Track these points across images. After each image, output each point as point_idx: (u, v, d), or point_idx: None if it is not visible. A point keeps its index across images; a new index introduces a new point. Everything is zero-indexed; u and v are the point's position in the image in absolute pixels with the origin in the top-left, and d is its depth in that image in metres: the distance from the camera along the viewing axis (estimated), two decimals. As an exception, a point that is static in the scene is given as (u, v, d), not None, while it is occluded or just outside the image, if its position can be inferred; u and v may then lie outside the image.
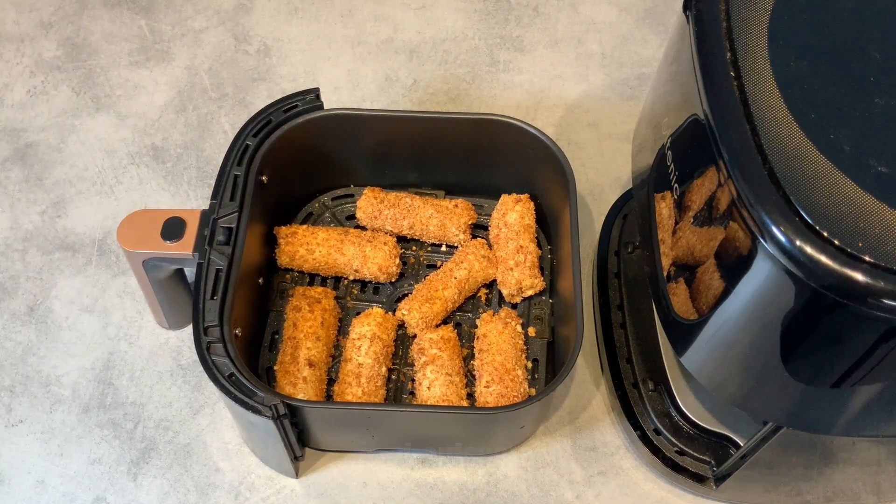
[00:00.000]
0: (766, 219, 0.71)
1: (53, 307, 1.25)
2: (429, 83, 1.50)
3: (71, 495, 1.11)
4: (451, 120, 1.20)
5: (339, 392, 1.11)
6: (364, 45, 1.54)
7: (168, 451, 1.15)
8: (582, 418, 1.19)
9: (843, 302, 0.70)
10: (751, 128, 0.76)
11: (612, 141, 1.44)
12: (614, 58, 1.54)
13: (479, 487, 1.13)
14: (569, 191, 1.14)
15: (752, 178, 0.74)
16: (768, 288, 0.75)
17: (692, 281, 0.87)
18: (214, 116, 1.44)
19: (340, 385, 1.11)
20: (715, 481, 1.09)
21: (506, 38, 1.55)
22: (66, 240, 1.30)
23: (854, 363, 0.76)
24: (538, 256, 1.21)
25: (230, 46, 1.53)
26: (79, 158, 1.38)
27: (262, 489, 1.12)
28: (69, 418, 1.17)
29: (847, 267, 0.68)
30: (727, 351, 0.86)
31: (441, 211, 1.23)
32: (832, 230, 0.70)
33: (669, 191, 0.91)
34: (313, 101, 1.18)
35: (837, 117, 0.76)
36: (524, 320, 1.19)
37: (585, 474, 1.15)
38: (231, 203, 1.08)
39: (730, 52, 0.81)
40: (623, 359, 1.17)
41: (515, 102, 1.48)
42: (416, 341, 1.15)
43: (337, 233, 1.21)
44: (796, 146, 0.74)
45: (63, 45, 1.52)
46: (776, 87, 0.78)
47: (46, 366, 1.20)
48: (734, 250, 0.77)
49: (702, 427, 1.11)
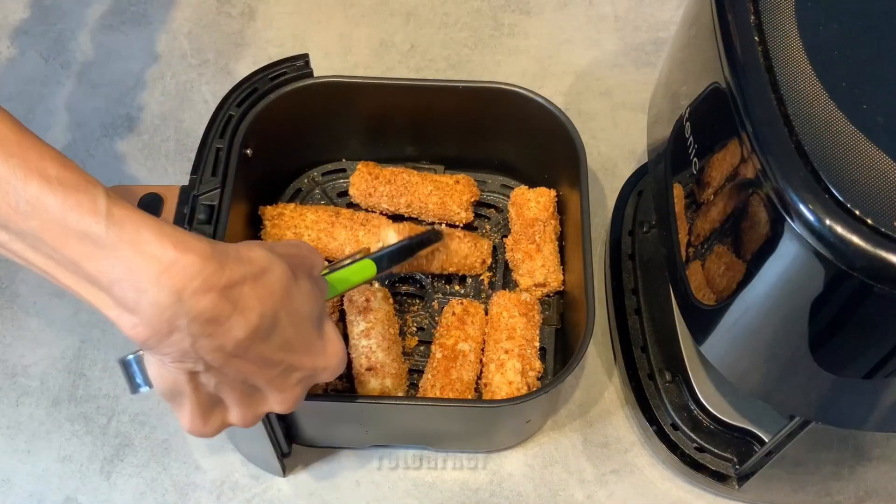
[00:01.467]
0: (793, 196, 0.71)
1: (20, 291, 1.25)
2: (427, 48, 1.49)
3: (39, 495, 1.12)
4: (451, 88, 1.20)
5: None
6: (357, 6, 1.54)
7: (144, 447, 1.15)
8: (593, 412, 1.19)
9: (876, 285, 0.70)
10: (776, 97, 0.76)
11: (625, 111, 1.44)
12: (628, 21, 1.54)
13: (482, 487, 1.13)
14: (579, 165, 1.14)
15: (777, 152, 0.73)
16: (795, 270, 0.75)
17: (712, 263, 0.87)
18: (195, 84, 1.44)
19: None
20: (738, 480, 1.09)
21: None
22: (33, 219, 1.30)
23: (889, 352, 0.76)
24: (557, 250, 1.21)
25: (212, 8, 1.52)
26: (48, 130, 1.38)
27: (246, 489, 1.12)
28: (37, 412, 1.17)
29: (880, 248, 0.68)
30: (750, 339, 0.86)
31: (441, 187, 1.23)
32: (864, 208, 0.69)
33: (688, 165, 0.91)
34: (302, 67, 1.18)
35: (871, 86, 0.76)
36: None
37: (597, 472, 1.15)
38: (213, 179, 1.08)
39: (754, 15, 0.81)
40: (638, 347, 1.17)
41: (521, 69, 1.48)
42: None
43: (327, 214, 1.21)
44: (826, 117, 0.74)
45: (31, 6, 1.51)
46: (804, 53, 0.78)
47: (13, 355, 1.20)
48: (758, 230, 0.77)
49: (723, 421, 1.11)
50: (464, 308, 1.15)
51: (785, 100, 0.75)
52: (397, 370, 1.11)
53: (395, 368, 1.11)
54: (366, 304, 1.14)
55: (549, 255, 1.18)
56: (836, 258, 0.70)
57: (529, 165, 1.26)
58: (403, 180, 1.23)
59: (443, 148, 1.27)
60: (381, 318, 1.13)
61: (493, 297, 1.17)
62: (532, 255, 1.18)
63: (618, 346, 1.19)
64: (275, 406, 0.82)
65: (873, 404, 0.85)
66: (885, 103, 0.75)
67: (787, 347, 0.82)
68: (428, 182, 1.23)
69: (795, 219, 0.71)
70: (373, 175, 1.23)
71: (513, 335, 1.12)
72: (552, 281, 1.17)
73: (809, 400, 0.88)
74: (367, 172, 1.23)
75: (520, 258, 1.19)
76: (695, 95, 0.90)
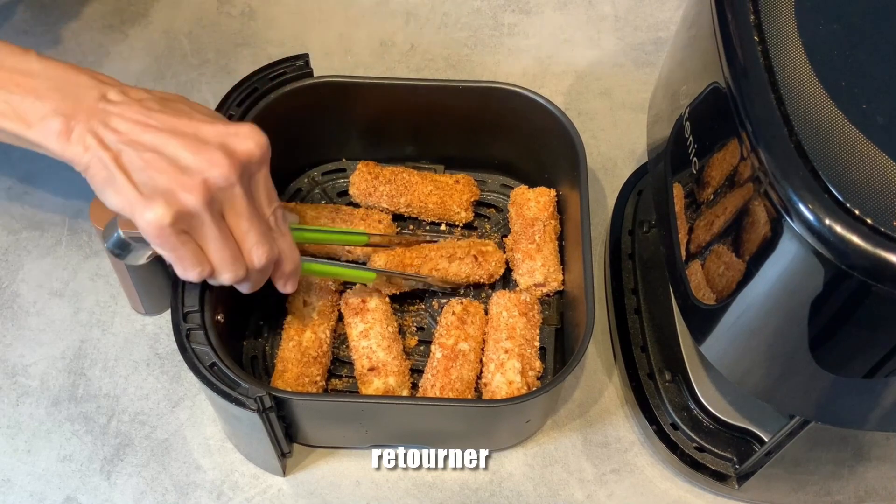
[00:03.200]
0: (792, 195, 0.71)
1: (20, 291, 1.25)
2: (427, 48, 1.49)
3: (39, 495, 1.12)
4: (451, 88, 1.20)
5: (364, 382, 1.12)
6: (357, 6, 1.54)
7: (144, 447, 1.15)
8: (593, 411, 1.19)
9: (875, 285, 0.70)
10: (776, 97, 0.76)
11: (625, 111, 1.44)
12: (628, 20, 1.54)
13: (482, 486, 1.13)
14: (579, 165, 1.14)
15: (777, 151, 0.73)
16: (795, 270, 0.75)
17: (712, 263, 0.87)
18: (195, 84, 1.44)
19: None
20: (737, 480, 1.09)
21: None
22: (33, 218, 1.30)
23: (888, 351, 0.76)
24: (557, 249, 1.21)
25: (212, 8, 1.52)
26: (47, 130, 1.37)
27: (246, 488, 1.12)
28: (37, 412, 1.17)
29: (880, 247, 0.68)
30: (750, 338, 0.86)
31: (441, 187, 1.23)
32: (864, 207, 0.70)
33: (688, 165, 0.91)
34: (302, 67, 1.18)
35: (870, 85, 0.76)
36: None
37: (597, 472, 1.15)
38: (213, 178, 1.08)
39: (753, 15, 0.81)
40: (637, 347, 1.17)
41: (521, 69, 1.48)
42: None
43: (328, 210, 1.21)
44: (825, 117, 0.74)
45: (30, 6, 1.51)
46: (804, 53, 0.78)
47: (13, 355, 1.20)
48: (758, 229, 0.77)
49: (723, 421, 1.11)
50: (464, 308, 1.15)
51: (784, 100, 0.75)
52: (399, 367, 1.11)
53: (397, 366, 1.11)
54: (362, 304, 1.14)
55: (549, 254, 1.18)
56: (835, 258, 0.70)
57: (529, 165, 1.26)
58: (404, 180, 1.23)
59: (443, 148, 1.27)
60: (379, 317, 1.13)
61: (492, 297, 1.17)
62: (532, 255, 1.18)
63: (618, 345, 1.19)
64: (204, 167, 0.87)
65: (873, 404, 0.85)
66: (885, 103, 0.75)
67: (786, 347, 0.82)
68: (428, 182, 1.23)
69: (795, 218, 0.71)
70: (373, 174, 1.23)
71: (513, 335, 1.12)
72: (552, 281, 1.17)
73: (809, 400, 0.88)
74: (367, 172, 1.23)
75: (520, 258, 1.19)
76: (695, 95, 0.90)
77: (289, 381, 1.09)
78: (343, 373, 1.16)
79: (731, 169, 0.80)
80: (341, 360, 1.16)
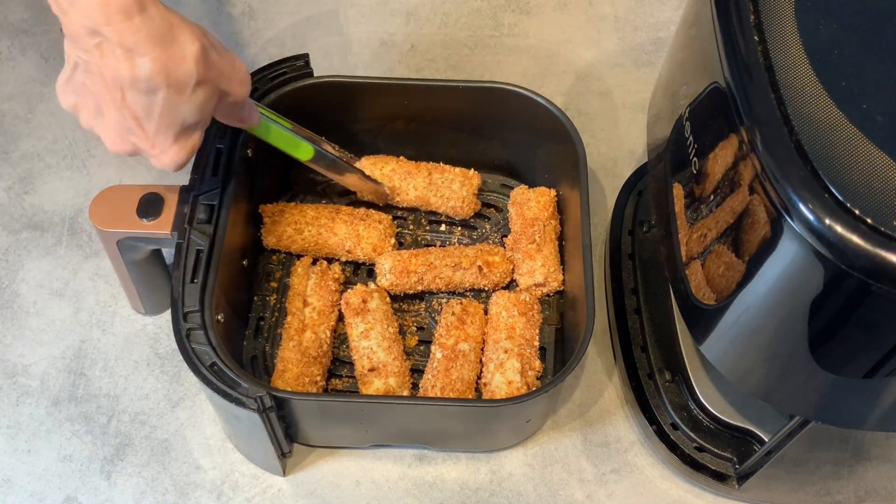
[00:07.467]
0: (792, 195, 0.71)
1: (20, 291, 1.25)
2: (427, 48, 1.50)
3: (39, 495, 1.12)
4: (451, 88, 1.20)
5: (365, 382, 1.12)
6: (357, 6, 1.54)
7: (145, 447, 1.15)
8: (593, 411, 1.19)
9: (875, 285, 0.70)
10: (776, 97, 0.76)
11: (625, 111, 1.44)
12: (628, 21, 1.54)
13: (482, 486, 1.14)
14: (579, 165, 1.14)
15: (777, 151, 0.74)
16: (795, 270, 0.75)
17: (712, 263, 0.87)
18: (194, 84, 1.44)
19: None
20: (737, 480, 1.09)
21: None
22: (33, 218, 1.30)
23: (888, 351, 0.76)
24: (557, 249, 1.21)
25: (212, 8, 1.52)
26: (48, 130, 1.38)
27: (246, 488, 1.13)
28: (37, 412, 1.17)
29: (880, 247, 0.68)
30: (750, 338, 0.86)
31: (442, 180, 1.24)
32: (864, 207, 0.70)
33: (688, 165, 0.91)
34: (302, 67, 1.18)
35: (870, 85, 0.76)
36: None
37: (597, 472, 1.15)
38: (213, 178, 1.08)
39: (753, 15, 0.81)
40: (637, 347, 1.18)
41: (521, 69, 1.48)
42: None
43: (328, 210, 1.21)
44: (825, 117, 0.74)
45: (30, 6, 1.51)
46: (804, 53, 0.78)
47: (13, 355, 1.20)
48: (758, 229, 0.77)
49: (723, 421, 1.11)
50: (463, 308, 1.15)
51: (784, 100, 0.75)
52: (399, 368, 1.11)
53: (398, 367, 1.11)
54: (362, 305, 1.14)
55: (549, 254, 1.18)
56: (835, 257, 0.70)
57: (529, 165, 1.26)
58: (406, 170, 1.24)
59: (443, 148, 1.27)
60: (380, 317, 1.14)
61: (492, 297, 1.17)
62: (532, 255, 1.18)
63: (618, 345, 1.19)
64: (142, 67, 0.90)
65: (873, 404, 0.85)
66: (885, 103, 0.75)
67: (786, 347, 0.82)
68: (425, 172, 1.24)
69: (795, 218, 0.71)
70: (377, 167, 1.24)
71: (512, 335, 1.12)
72: (552, 280, 1.17)
73: (809, 400, 0.88)
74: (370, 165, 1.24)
75: (520, 258, 1.19)
76: (695, 95, 0.90)
77: (289, 380, 1.09)
78: (343, 373, 1.16)
79: (731, 169, 0.80)
80: (341, 360, 1.17)
